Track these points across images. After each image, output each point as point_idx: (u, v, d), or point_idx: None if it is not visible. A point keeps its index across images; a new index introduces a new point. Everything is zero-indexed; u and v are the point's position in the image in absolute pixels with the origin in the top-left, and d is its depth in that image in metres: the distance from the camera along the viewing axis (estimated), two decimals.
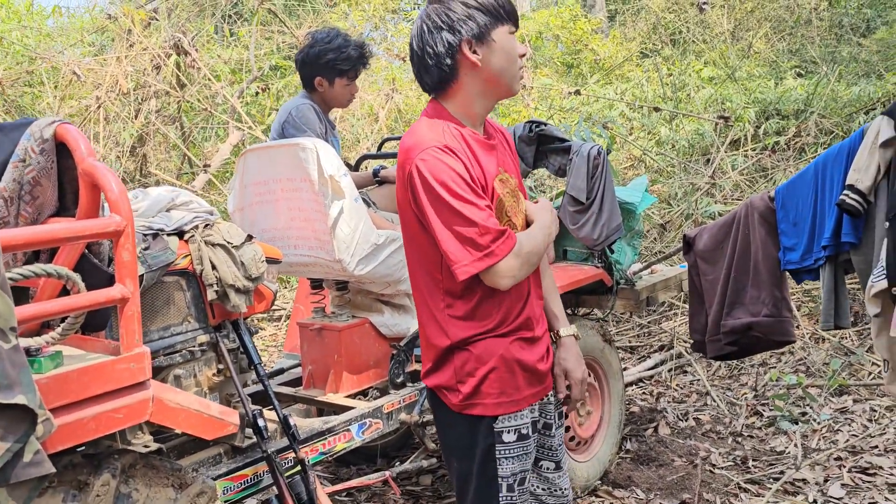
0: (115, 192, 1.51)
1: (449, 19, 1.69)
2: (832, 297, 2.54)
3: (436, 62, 1.72)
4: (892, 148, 2.22)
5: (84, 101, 6.94)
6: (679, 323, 5.66)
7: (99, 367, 1.48)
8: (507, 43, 1.72)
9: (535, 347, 1.82)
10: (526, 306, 1.79)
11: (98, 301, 1.48)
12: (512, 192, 1.81)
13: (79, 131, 1.62)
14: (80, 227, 1.47)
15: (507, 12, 1.72)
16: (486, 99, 1.77)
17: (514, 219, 1.79)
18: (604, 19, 13.05)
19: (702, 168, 7.06)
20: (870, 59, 10.03)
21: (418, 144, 1.69)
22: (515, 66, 1.75)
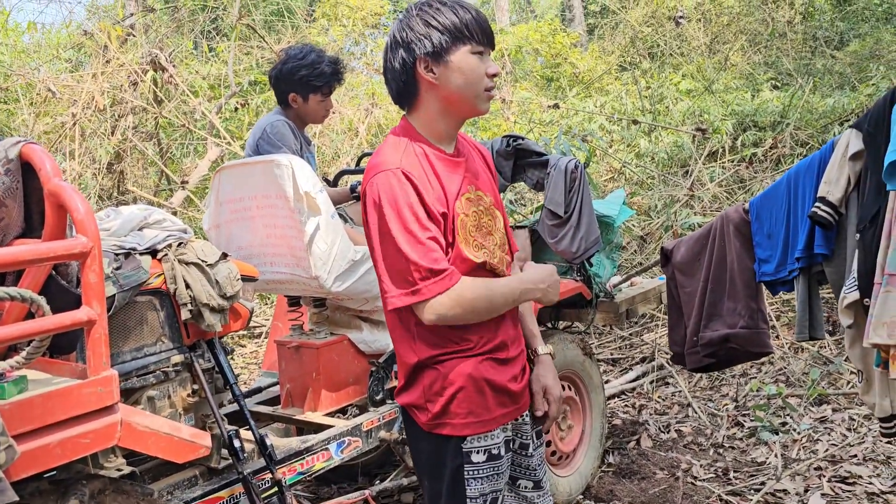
0: (81, 212, 1.49)
1: (406, 37, 1.69)
2: (806, 308, 2.55)
3: (394, 78, 1.73)
4: (860, 160, 2.24)
5: (60, 117, 6.88)
6: (660, 335, 5.68)
7: (64, 392, 1.45)
8: (467, 63, 1.68)
9: (508, 368, 1.79)
10: (500, 328, 1.77)
11: (64, 324, 1.46)
12: (485, 210, 1.80)
13: (45, 151, 1.59)
14: (46, 248, 1.45)
15: (470, 31, 1.68)
16: (448, 117, 1.75)
17: (482, 239, 1.76)
18: (583, 33, 13.17)
19: (680, 180, 7.11)
20: (843, 72, 10.19)
21: (376, 166, 1.69)
22: (477, 87, 1.71)
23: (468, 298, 1.64)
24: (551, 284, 1.80)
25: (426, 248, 1.62)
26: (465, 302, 1.64)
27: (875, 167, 2.11)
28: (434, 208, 1.66)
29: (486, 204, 1.81)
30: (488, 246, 1.78)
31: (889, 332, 1.97)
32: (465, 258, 1.72)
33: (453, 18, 1.67)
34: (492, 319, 1.75)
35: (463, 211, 1.73)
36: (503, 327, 1.79)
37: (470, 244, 1.73)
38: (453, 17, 1.67)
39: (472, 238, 1.74)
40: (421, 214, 1.63)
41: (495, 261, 1.78)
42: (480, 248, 1.76)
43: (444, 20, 1.67)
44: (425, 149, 1.73)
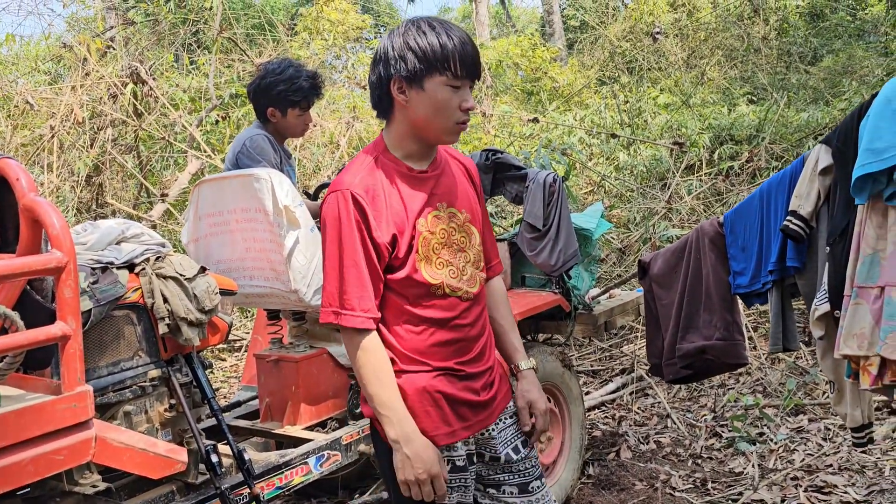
0: (56, 227, 1.49)
1: (387, 54, 1.69)
2: (780, 320, 2.59)
3: (371, 91, 1.75)
4: (830, 175, 2.29)
5: (38, 130, 6.82)
6: (639, 346, 5.71)
7: (38, 408, 1.45)
8: (439, 94, 1.65)
9: (470, 381, 1.79)
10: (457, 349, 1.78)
11: (38, 339, 1.45)
12: (459, 227, 1.80)
13: (20, 166, 1.59)
14: (20, 263, 1.44)
15: (449, 63, 1.64)
16: (415, 140, 1.74)
17: (451, 256, 1.76)
18: (562, 48, 13.29)
19: (658, 193, 7.19)
20: (817, 86, 10.37)
21: (337, 183, 1.71)
22: (447, 119, 1.68)
23: (360, 361, 1.69)
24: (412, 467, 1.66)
25: (356, 281, 1.66)
26: (358, 360, 1.69)
27: (844, 182, 2.16)
28: (380, 234, 1.67)
29: (460, 221, 1.81)
30: (456, 263, 1.77)
31: (859, 344, 2.00)
32: (421, 280, 1.72)
33: (435, 45, 1.63)
34: (448, 342, 1.76)
35: (427, 229, 1.73)
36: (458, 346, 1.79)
37: (432, 262, 1.73)
38: (436, 43, 1.63)
39: (437, 255, 1.74)
40: (358, 247, 1.65)
41: (456, 282, 1.76)
42: (446, 265, 1.75)
43: (424, 45, 1.63)
44: (392, 166, 1.74)
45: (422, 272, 1.72)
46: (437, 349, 1.75)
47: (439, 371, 1.74)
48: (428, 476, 1.66)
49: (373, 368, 1.68)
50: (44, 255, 1.48)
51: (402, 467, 1.67)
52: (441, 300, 1.75)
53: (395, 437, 1.67)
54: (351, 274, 1.65)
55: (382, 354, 1.70)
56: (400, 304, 1.73)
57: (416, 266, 1.71)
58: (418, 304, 1.73)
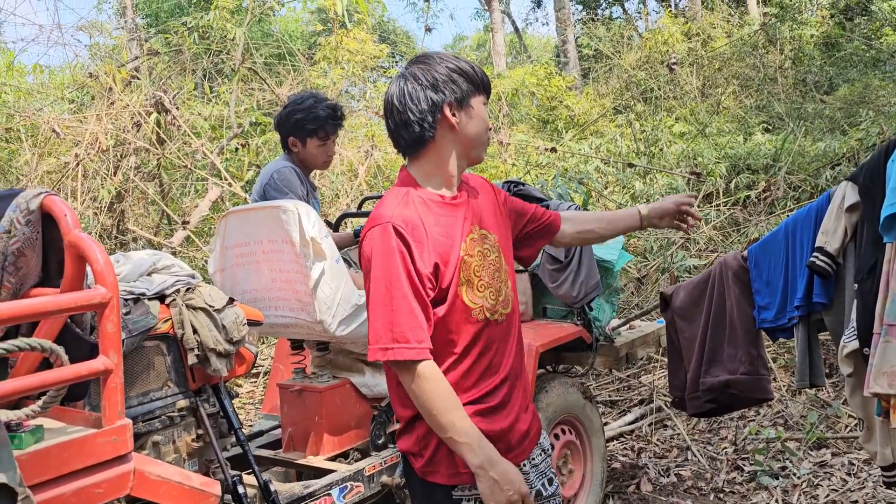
0: (100, 263, 1.53)
1: (434, 80, 1.75)
2: (806, 356, 2.59)
3: (418, 119, 1.75)
4: (857, 212, 2.30)
5: (63, 157, 6.94)
6: (658, 377, 5.68)
7: (80, 442, 1.47)
8: (482, 112, 1.81)
9: (498, 417, 1.80)
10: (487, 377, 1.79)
11: (81, 374, 1.48)
12: (492, 248, 1.84)
13: (64, 202, 1.63)
14: (66, 299, 1.48)
15: (483, 84, 1.82)
16: (457, 162, 1.82)
17: (489, 277, 1.79)
18: (577, 77, 13.39)
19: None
20: (833, 116, 10.38)
21: (373, 218, 1.74)
22: (485, 135, 1.83)
23: (425, 393, 1.64)
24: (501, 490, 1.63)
25: (406, 312, 1.64)
26: (422, 392, 1.64)
27: (871, 219, 2.17)
28: (423, 264, 1.68)
29: (492, 241, 1.85)
30: (494, 285, 1.81)
31: (889, 382, 2.00)
32: (465, 307, 1.74)
33: (470, 71, 1.79)
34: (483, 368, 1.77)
35: (467, 252, 1.77)
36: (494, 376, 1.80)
37: (474, 286, 1.76)
38: (470, 69, 1.79)
39: (478, 277, 1.77)
40: (404, 279, 1.65)
41: (493, 304, 1.79)
42: (486, 287, 1.78)
43: (466, 70, 1.78)
44: (426, 197, 1.78)
45: (463, 297, 1.74)
46: (471, 376, 1.76)
47: (474, 404, 1.75)
48: (519, 496, 1.64)
49: (440, 397, 1.63)
50: (89, 290, 1.51)
51: (492, 493, 1.62)
52: (478, 325, 1.77)
53: (480, 464, 1.62)
54: (399, 306, 1.64)
55: (445, 382, 1.66)
56: (436, 334, 1.73)
57: (458, 290, 1.74)
58: (456, 330, 1.74)
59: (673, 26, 13.83)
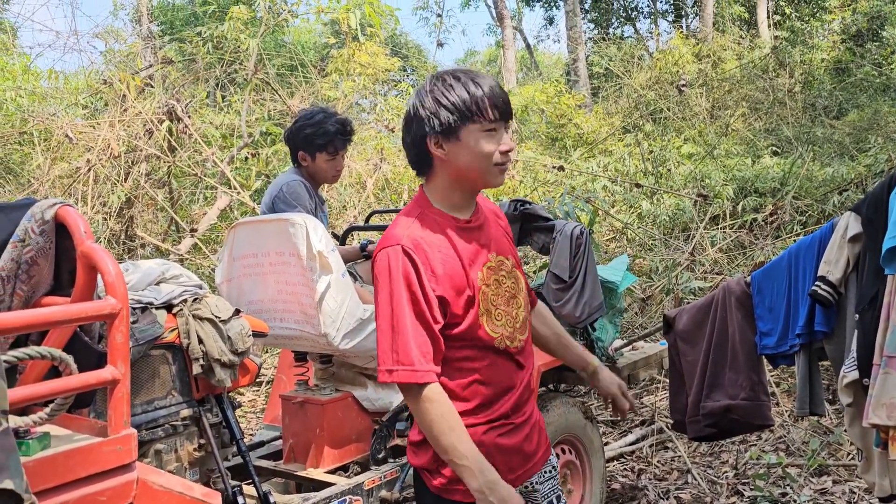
0: (112, 274, 1.56)
1: (418, 113, 1.74)
2: (807, 384, 2.60)
3: (408, 149, 1.79)
4: (859, 243, 2.32)
5: (75, 162, 7.01)
6: (659, 398, 5.68)
7: (86, 450, 1.50)
8: (475, 141, 1.71)
9: (518, 432, 1.83)
10: (506, 397, 1.80)
11: (90, 383, 1.51)
12: (508, 274, 1.84)
13: (78, 213, 1.67)
14: (77, 309, 1.51)
15: (480, 109, 1.70)
16: (460, 190, 1.79)
17: (506, 306, 1.79)
18: (587, 95, 13.44)
19: (682, 244, 7.20)
20: (842, 141, 10.40)
21: (389, 237, 1.74)
22: (485, 162, 1.73)
23: (429, 415, 1.65)
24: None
25: (410, 335, 1.65)
26: (426, 413, 1.65)
27: (873, 250, 2.18)
28: (435, 287, 1.68)
29: (508, 267, 1.85)
30: (511, 312, 1.81)
31: (888, 413, 2.01)
32: (483, 336, 1.75)
33: (464, 96, 1.69)
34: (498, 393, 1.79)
35: (484, 282, 1.77)
36: (509, 397, 1.82)
37: (492, 315, 1.77)
38: (464, 94, 1.69)
39: (496, 307, 1.78)
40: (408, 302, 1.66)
41: (511, 331, 1.80)
42: (503, 315, 1.79)
43: (453, 98, 1.69)
44: (440, 219, 1.77)
45: (485, 328, 1.75)
46: (488, 401, 1.78)
47: (490, 424, 1.77)
48: None
49: (444, 419, 1.64)
50: (99, 301, 1.54)
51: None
52: (496, 354, 1.78)
53: (479, 488, 1.63)
54: (403, 329, 1.65)
55: (449, 404, 1.67)
56: (453, 358, 1.75)
57: (480, 321, 1.74)
58: (474, 359, 1.76)
59: (683, 47, 13.90)
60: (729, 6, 16.74)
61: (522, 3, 23.15)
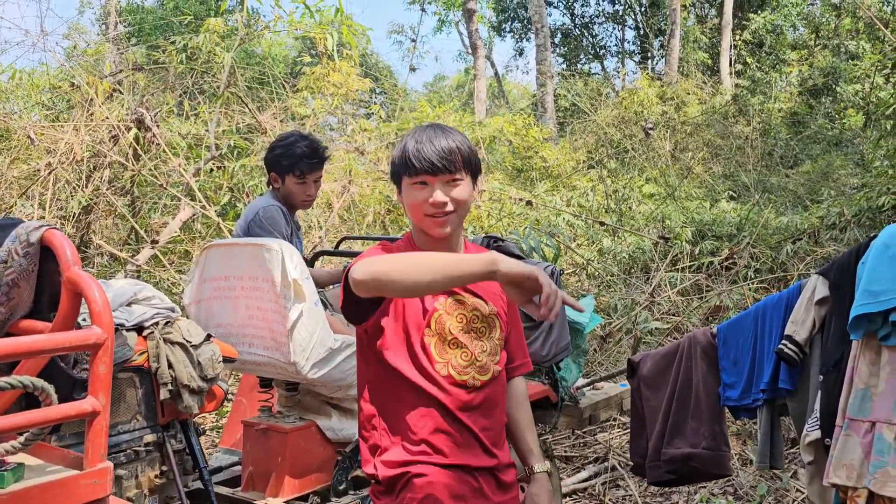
0: (99, 303, 1.53)
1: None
2: (768, 439, 2.68)
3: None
4: (826, 306, 2.41)
5: (34, 163, 6.83)
6: (614, 436, 5.74)
7: (61, 483, 1.46)
8: (408, 194, 1.83)
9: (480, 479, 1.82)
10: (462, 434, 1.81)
11: (69, 415, 1.47)
12: (482, 317, 1.86)
13: (65, 237, 1.64)
14: (63, 338, 1.48)
15: (409, 164, 1.79)
16: (422, 232, 1.87)
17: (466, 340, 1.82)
18: (553, 128, 13.66)
19: (642, 283, 7.34)
20: (797, 190, 10.77)
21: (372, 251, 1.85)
22: (419, 214, 1.81)
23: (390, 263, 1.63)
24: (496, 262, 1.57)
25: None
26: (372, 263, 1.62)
27: (839, 315, 2.27)
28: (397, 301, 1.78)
29: (485, 311, 1.88)
30: (472, 349, 1.83)
31: (847, 475, 2.08)
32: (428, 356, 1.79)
33: (401, 150, 1.83)
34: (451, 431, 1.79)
35: (444, 309, 1.81)
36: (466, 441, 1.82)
37: (445, 342, 1.80)
38: (402, 148, 1.83)
39: (452, 335, 1.81)
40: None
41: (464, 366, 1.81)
42: (459, 346, 1.81)
43: (396, 153, 1.85)
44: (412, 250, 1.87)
45: (430, 348, 1.79)
46: (441, 438, 1.78)
47: (451, 468, 1.77)
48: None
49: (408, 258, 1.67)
50: (85, 331, 1.51)
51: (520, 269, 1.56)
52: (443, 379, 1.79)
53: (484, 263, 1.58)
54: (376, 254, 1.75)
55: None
56: (402, 387, 1.78)
57: (425, 342, 1.79)
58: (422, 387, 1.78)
59: (649, 88, 14.26)
60: (694, 52, 17.27)
61: (493, 33, 23.50)
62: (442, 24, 24.35)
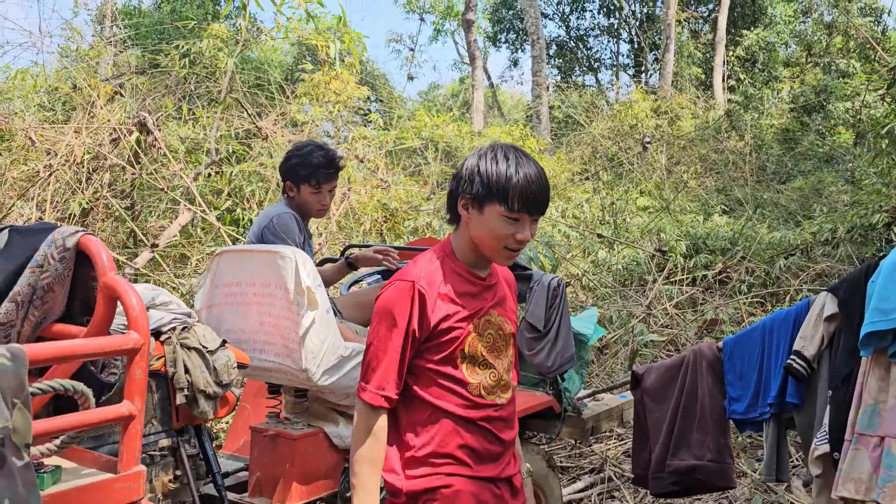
0: (136, 309, 1.56)
1: (461, 171, 1.85)
2: (774, 452, 2.72)
3: (449, 197, 1.89)
4: (835, 322, 2.47)
5: (33, 164, 6.82)
6: (611, 447, 5.78)
7: (97, 486, 1.48)
8: (494, 221, 1.77)
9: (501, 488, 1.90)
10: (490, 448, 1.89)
11: (107, 418, 1.50)
12: (503, 336, 1.93)
13: (101, 243, 1.66)
14: (101, 343, 1.50)
15: (510, 197, 1.75)
16: (474, 251, 1.87)
17: (494, 359, 1.89)
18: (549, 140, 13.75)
19: (637, 295, 7.40)
20: (789, 206, 10.88)
21: (402, 273, 1.85)
22: (497, 243, 1.80)
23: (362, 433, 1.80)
24: None
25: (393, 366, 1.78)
26: (359, 432, 1.80)
27: (848, 331, 2.33)
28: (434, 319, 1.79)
29: (506, 331, 1.95)
30: (498, 368, 1.90)
31: (856, 488, 2.13)
32: (461, 378, 1.84)
33: (501, 176, 1.75)
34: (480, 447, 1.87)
35: (477, 331, 1.86)
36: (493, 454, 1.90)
37: (476, 363, 1.85)
38: (502, 174, 1.75)
39: (483, 356, 1.86)
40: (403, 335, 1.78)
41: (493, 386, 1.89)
42: (489, 367, 1.88)
43: (491, 173, 1.76)
44: (456, 269, 1.87)
45: (462, 370, 1.84)
46: (469, 452, 1.85)
47: (477, 479, 1.82)
48: None
49: (368, 450, 1.79)
50: (123, 336, 1.54)
51: None
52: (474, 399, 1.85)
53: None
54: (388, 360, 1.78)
55: (383, 439, 1.81)
56: (436, 404, 1.83)
57: (459, 364, 1.83)
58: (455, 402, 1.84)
59: (643, 101, 14.39)
60: (688, 67, 17.44)
61: (489, 43, 23.62)
62: (438, 34, 24.46)
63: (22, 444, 1.32)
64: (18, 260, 1.69)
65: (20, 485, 1.30)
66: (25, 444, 1.33)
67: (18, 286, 1.66)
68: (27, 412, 1.33)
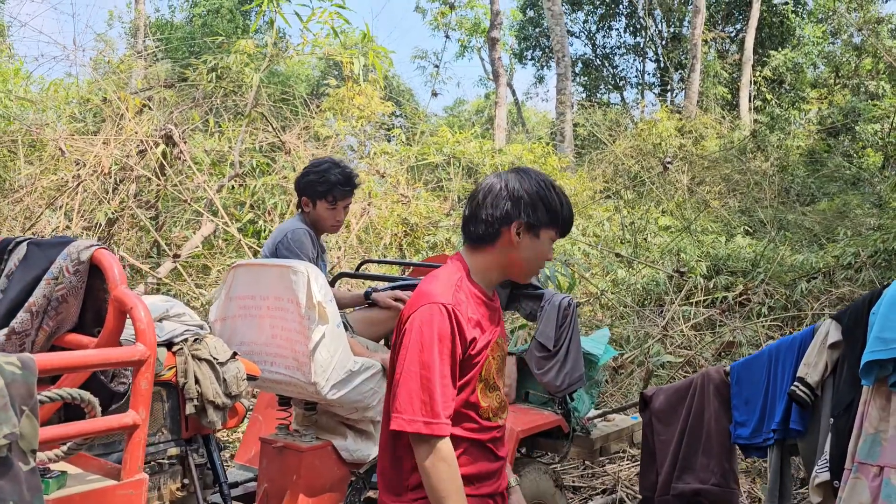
0: (143, 322, 1.62)
1: (518, 195, 1.86)
2: (778, 478, 2.72)
3: (487, 221, 1.87)
4: (838, 350, 2.47)
5: (63, 174, 6.99)
6: (623, 467, 5.75)
7: (100, 492, 1.53)
8: (546, 245, 1.90)
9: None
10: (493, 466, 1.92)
11: (112, 427, 1.55)
12: (502, 357, 1.98)
13: (114, 257, 1.73)
14: (109, 354, 1.56)
15: (563, 225, 1.91)
16: (503, 273, 1.93)
17: (499, 379, 1.95)
18: (571, 158, 13.77)
19: (655, 316, 7.36)
20: (812, 228, 10.77)
21: (426, 295, 1.83)
22: (539, 265, 1.93)
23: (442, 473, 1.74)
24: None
25: (443, 391, 1.76)
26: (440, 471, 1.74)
27: (852, 359, 2.33)
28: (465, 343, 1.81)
29: (504, 350, 2.00)
30: (501, 388, 1.97)
31: None
32: (474, 402, 1.87)
33: (559, 208, 1.88)
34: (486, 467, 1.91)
35: (492, 354, 1.91)
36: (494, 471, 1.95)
37: (489, 386, 1.90)
38: (559, 207, 1.88)
39: (494, 379, 1.92)
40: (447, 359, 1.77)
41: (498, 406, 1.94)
42: (495, 389, 1.93)
43: (555, 204, 1.87)
44: (474, 290, 1.90)
45: (478, 393, 1.87)
46: (475, 471, 1.88)
47: (482, 497, 1.87)
48: None
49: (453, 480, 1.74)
50: (130, 348, 1.60)
51: None
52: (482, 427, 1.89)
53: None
54: (442, 385, 1.75)
55: (457, 466, 1.77)
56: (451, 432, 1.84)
57: (475, 387, 1.86)
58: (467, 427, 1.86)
59: (668, 120, 14.36)
60: (714, 86, 17.38)
61: (515, 60, 23.74)
62: (464, 50, 24.64)
63: (28, 450, 1.38)
64: (35, 272, 1.76)
65: (25, 488, 1.36)
66: (32, 449, 1.39)
67: (34, 297, 1.73)
68: (34, 419, 1.39)
